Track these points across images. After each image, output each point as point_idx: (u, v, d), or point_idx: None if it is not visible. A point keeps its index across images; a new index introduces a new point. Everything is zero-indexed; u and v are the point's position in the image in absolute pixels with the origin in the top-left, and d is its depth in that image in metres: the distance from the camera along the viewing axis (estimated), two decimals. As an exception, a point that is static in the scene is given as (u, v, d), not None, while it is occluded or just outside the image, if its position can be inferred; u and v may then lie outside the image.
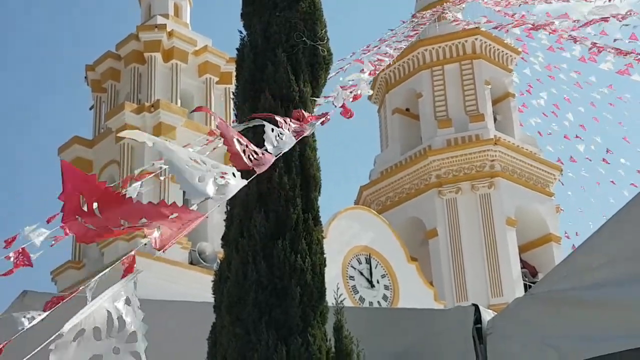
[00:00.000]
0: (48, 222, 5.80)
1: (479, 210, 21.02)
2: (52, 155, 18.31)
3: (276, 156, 4.25)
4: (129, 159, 16.54)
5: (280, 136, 4.39)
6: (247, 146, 4.07)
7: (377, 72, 10.99)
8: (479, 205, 21.08)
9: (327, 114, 5.26)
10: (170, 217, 3.51)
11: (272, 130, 4.36)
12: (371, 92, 6.35)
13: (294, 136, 4.56)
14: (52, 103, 44.40)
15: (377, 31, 15.89)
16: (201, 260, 15.73)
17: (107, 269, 3.60)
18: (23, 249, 4.79)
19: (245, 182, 3.85)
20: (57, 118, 43.49)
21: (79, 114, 43.27)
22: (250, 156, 4.05)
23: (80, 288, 3.35)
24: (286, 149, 4.40)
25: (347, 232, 16.74)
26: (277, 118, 4.50)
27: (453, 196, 21.24)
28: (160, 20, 18.78)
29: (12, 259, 4.69)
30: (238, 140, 4.04)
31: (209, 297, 5.65)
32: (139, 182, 5.41)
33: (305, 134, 4.81)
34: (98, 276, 3.44)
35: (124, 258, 3.65)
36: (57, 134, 43.32)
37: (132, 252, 3.64)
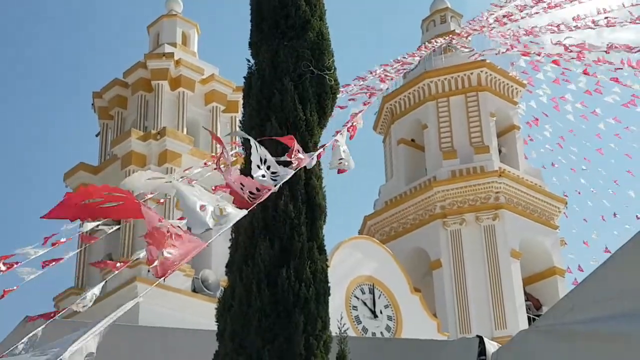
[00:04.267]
0: (45, 242, 5.80)
1: (483, 241, 20.96)
2: (58, 181, 18.34)
3: (276, 186, 4.28)
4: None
5: (277, 167, 4.42)
6: (244, 184, 4.09)
7: (380, 92, 11.06)
8: (484, 236, 21.02)
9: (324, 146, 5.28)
10: (172, 244, 3.54)
11: (270, 163, 4.39)
12: (361, 124, 6.38)
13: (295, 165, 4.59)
14: (58, 129, 44.62)
15: (384, 61, 16.32)
16: (204, 288, 15.67)
17: (96, 288, 3.60)
18: (12, 265, 4.81)
19: (245, 212, 3.87)
20: (63, 144, 43.69)
21: (85, 140, 43.40)
22: (249, 193, 4.07)
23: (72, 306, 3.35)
24: (286, 178, 4.42)
25: (351, 262, 16.68)
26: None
27: (457, 227, 21.20)
28: (168, 48, 18.91)
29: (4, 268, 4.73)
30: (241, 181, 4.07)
31: (212, 325, 5.63)
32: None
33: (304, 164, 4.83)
34: (90, 292, 3.45)
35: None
36: (63, 160, 43.46)
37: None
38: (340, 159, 5.38)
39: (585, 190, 21.90)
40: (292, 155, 4.67)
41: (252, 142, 4.42)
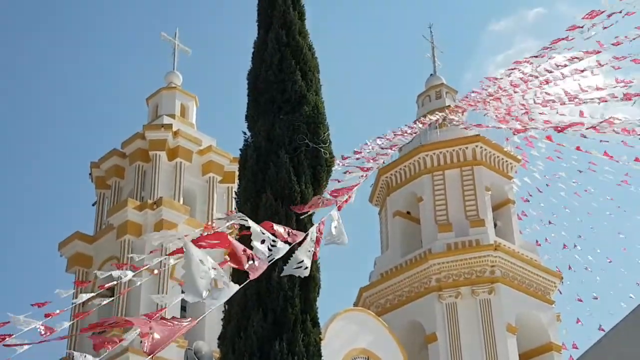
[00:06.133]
0: (39, 306, 5.78)
1: (479, 315, 20.79)
2: (53, 251, 18.30)
3: (269, 262, 4.32)
4: (129, 255, 16.54)
5: (274, 243, 4.47)
6: (245, 250, 4.14)
7: (372, 171, 11.19)
8: (479, 310, 20.86)
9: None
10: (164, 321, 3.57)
11: (264, 240, 4.45)
12: (352, 199, 6.33)
13: (290, 242, 4.64)
14: (54, 199, 44.66)
15: (380, 133, 16.69)
16: (197, 360, 15.49)
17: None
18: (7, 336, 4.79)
19: (237, 287, 3.91)
20: (59, 214, 43.67)
21: (81, 210, 43.40)
22: (249, 258, 4.11)
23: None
24: (279, 256, 4.46)
25: (346, 334, 16.54)
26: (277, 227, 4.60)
27: (453, 300, 21.06)
28: (166, 119, 19.14)
29: None
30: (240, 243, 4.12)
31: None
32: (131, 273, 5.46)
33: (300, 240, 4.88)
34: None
35: None
36: (58, 229, 43.37)
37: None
38: (333, 235, 5.38)
39: (579, 267, 21.91)
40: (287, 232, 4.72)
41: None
